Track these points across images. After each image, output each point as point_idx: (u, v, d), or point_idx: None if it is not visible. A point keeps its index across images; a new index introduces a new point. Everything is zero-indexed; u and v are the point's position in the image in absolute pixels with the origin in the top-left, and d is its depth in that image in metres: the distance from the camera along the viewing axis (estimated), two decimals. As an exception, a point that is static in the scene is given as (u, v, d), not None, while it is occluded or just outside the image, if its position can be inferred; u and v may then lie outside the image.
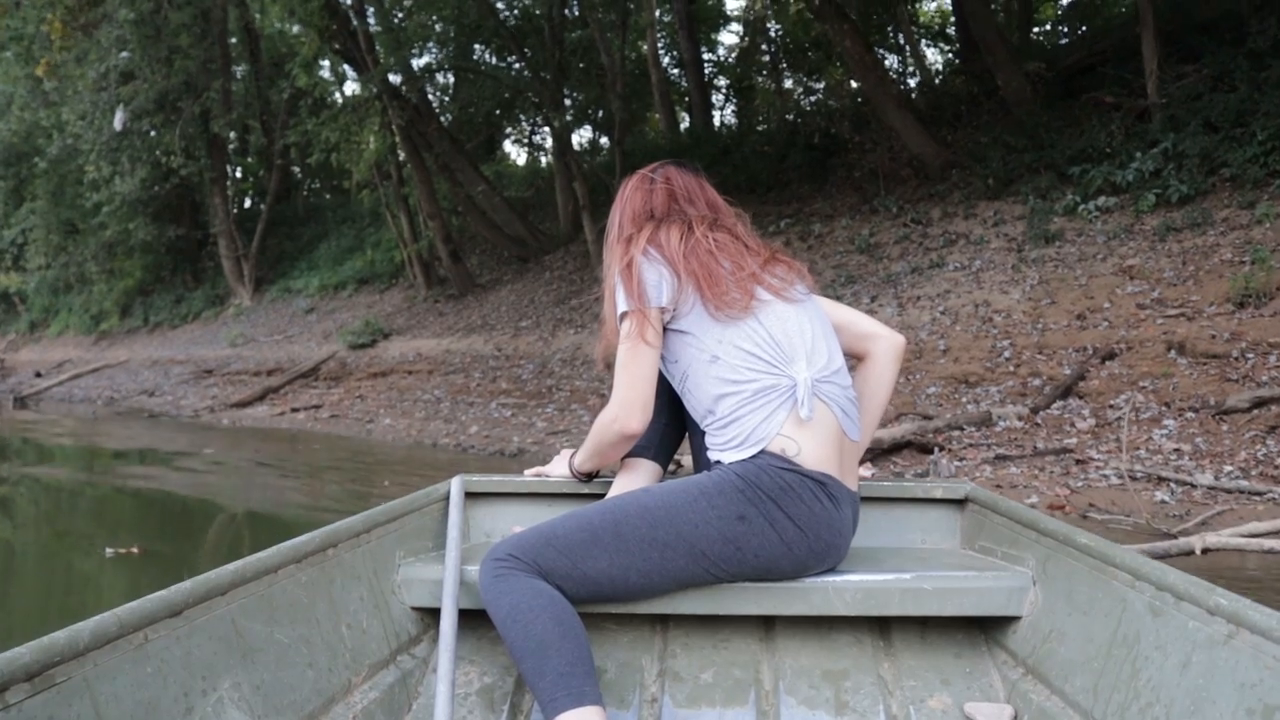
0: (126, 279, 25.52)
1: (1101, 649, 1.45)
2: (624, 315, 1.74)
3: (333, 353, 15.42)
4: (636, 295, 1.72)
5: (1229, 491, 4.42)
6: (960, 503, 2.08)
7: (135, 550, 4.55)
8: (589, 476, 2.05)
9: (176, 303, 24.66)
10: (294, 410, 12.19)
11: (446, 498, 2.05)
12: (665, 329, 1.76)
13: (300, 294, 20.87)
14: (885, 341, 1.97)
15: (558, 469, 2.10)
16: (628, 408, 1.71)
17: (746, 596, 1.70)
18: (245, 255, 22.66)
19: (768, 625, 1.85)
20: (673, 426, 1.99)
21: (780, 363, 1.67)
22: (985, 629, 1.79)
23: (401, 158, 16.62)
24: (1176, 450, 5.11)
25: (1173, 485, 4.59)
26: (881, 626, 1.84)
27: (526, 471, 2.17)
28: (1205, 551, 2.57)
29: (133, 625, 1.19)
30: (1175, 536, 3.79)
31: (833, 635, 1.82)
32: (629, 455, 1.96)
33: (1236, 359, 6.20)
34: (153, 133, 19.97)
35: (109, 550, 4.53)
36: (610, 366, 1.82)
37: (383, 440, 9.51)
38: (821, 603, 1.69)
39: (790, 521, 1.60)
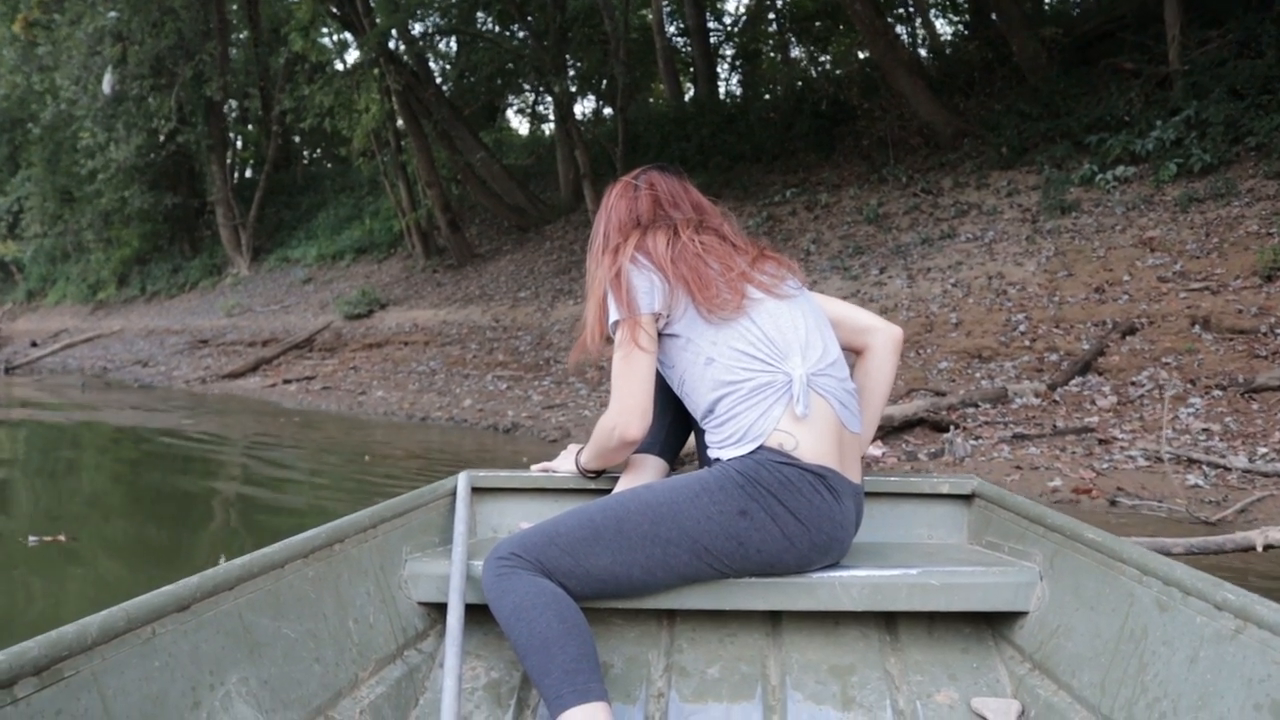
0: (124, 248, 25.25)
1: (1109, 644, 1.44)
2: (616, 324, 1.74)
3: (328, 323, 15.15)
4: (627, 303, 1.72)
5: (1266, 475, 4.13)
6: (967, 498, 2.06)
7: (62, 538, 4.17)
8: (595, 473, 2.05)
9: (174, 272, 24.40)
10: (286, 382, 11.92)
11: (453, 493, 2.05)
12: (660, 335, 1.76)
13: (298, 263, 20.59)
14: (883, 334, 1.98)
15: (564, 465, 2.11)
16: (627, 415, 1.72)
17: (753, 591, 1.68)
18: (243, 224, 22.36)
19: (774, 620, 1.83)
20: (678, 423, 2.00)
21: (775, 359, 1.67)
22: (992, 624, 1.78)
23: (400, 125, 16.27)
24: (1205, 430, 4.82)
25: (1205, 468, 4.29)
26: (888, 622, 1.82)
27: (533, 467, 2.17)
28: (1267, 548, 2.30)
29: (140, 620, 1.20)
30: (1214, 524, 3.51)
31: (839, 630, 1.80)
32: (635, 451, 1.97)
33: (1265, 334, 5.90)
34: (149, 99, 19.56)
35: (32, 539, 4.14)
36: (605, 374, 1.66)
37: (374, 413, 9.25)
38: (828, 598, 1.68)
39: (791, 516, 1.60)
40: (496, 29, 19.40)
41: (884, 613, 1.79)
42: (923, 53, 16.71)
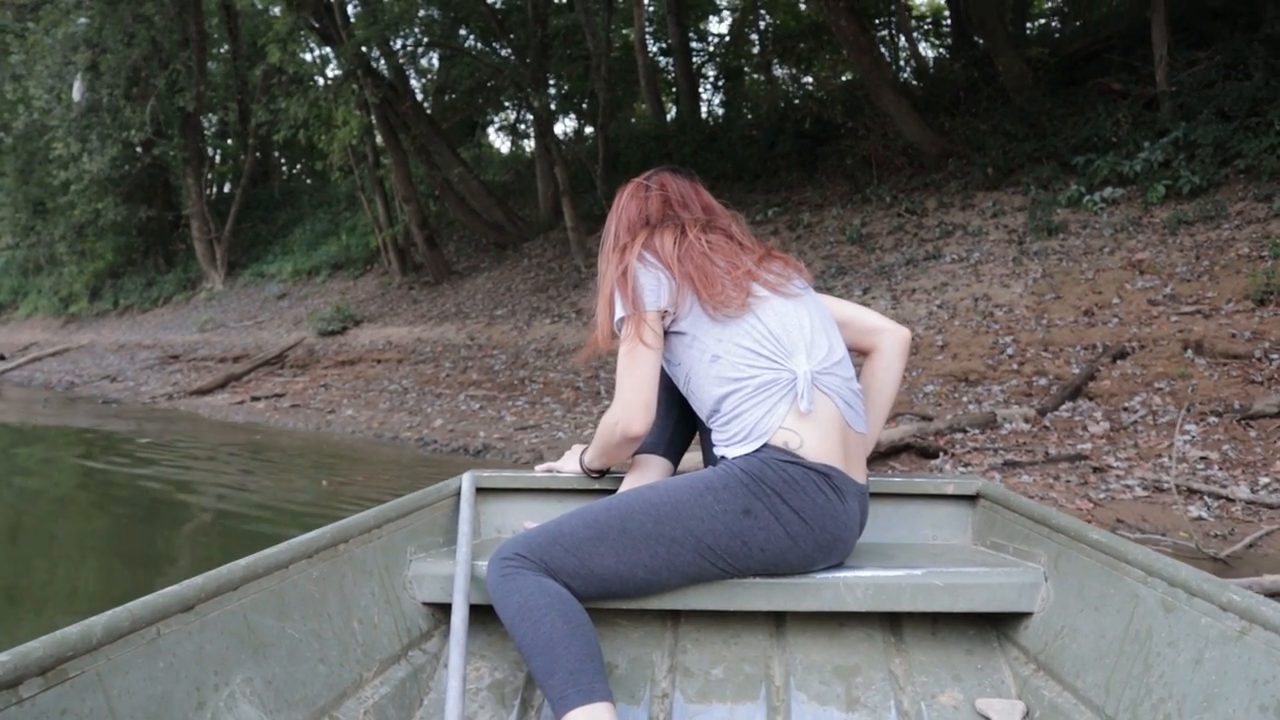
0: (97, 261, 24.80)
1: (1114, 645, 1.44)
2: (622, 321, 1.74)
3: (300, 339, 14.82)
4: (633, 300, 1.73)
5: (1270, 506, 3.92)
6: (972, 498, 2.05)
7: None
8: (600, 473, 2.06)
9: (147, 286, 23.96)
10: (254, 399, 11.57)
11: (458, 493, 2.05)
12: (666, 332, 1.76)
13: (273, 279, 20.24)
14: (890, 335, 1.98)
15: (569, 465, 2.12)
16: (630, 410, 1.72)
17: (757, 592, 1.69)
18: (218, 238, 21.97)
19: (779, 621, 1.83)
20: (683, 423, 2.01)
21: (780, 357, 1.67)
22: (997, 625, 1.78)
23: (378, 140, 16.01)
24: (1204, 459, 4.61)
25: (1207, 499, 4.07)
26: (893, 622, 1.82)
27: (538, 468, 2.17)
28: (1303, 594, 2.10)
29: (145, 620, 1.20)
30: (1224, 560, 3.29)
31: (844, 631, 1.80)
32: (639, 452, 1.99)
33: (1259, 359, 5.72)
34: (124, 110, 19.19)
35: None
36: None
37: (342, 432, 8.95)
38: (832, 598, 1.68)
39: (795, 515, 1.59)
40: (478, 45, 19.23)
41: (888, 613, 1.79)
42: (906, 73, 16.63)
